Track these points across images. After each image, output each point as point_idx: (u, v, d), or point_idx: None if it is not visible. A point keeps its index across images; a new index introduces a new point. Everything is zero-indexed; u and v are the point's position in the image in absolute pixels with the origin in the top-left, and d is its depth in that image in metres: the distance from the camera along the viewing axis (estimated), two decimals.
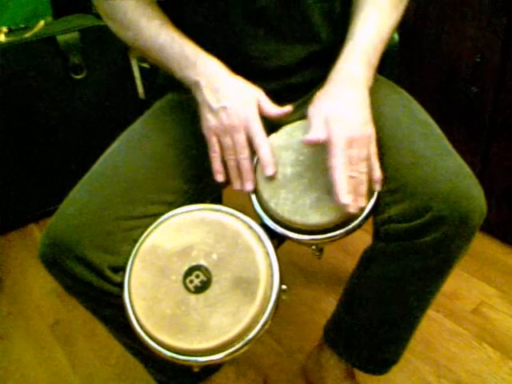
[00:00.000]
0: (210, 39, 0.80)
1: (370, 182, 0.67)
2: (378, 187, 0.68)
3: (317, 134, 0.65)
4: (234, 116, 0.68)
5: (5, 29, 1.50)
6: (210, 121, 0.69)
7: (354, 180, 0.64)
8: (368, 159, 0.66)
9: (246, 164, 0.69)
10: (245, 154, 0.69)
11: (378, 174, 0.67)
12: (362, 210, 0.67)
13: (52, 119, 1.57)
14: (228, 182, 0.73)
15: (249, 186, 0.70)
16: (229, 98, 0.69)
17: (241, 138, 0.68)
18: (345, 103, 0.67)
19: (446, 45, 1.22)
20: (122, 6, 0.74)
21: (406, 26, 1.23)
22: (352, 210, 0.63)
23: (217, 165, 0.71)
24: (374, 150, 0.67)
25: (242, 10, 0.75)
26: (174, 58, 0.72)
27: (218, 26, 0.78)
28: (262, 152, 0.69)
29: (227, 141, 0.69)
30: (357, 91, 0.68)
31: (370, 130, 0.67)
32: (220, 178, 0.71)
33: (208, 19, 0.78)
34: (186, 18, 0.81)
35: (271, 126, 0.84)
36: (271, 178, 0.71)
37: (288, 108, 0.72)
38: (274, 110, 0.71)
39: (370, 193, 0.68)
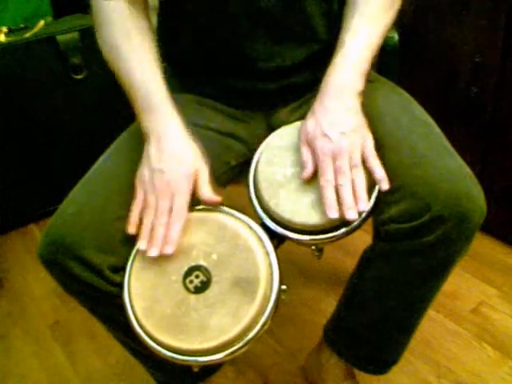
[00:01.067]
0: (210, 39, 0.80)
1: (372, 182, 0.67)
2: (384, 186, 0.66)
3: (307, 170, 0.68)
4: (165, 182, 0.67)
5: (5, 29, 1.50)
6: (144, 176, 0.68)
7: (346, 189, 0.64)
8: (365, 162, 0.66)
9: (159, 230, 0.66)
10: (162, 220, 0.66)
11: (380, 173, 0.66)
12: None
13: (52, 119, 1.57)
14: (223, 184, 0.72)
15: (153, 252, 0.66)
16: (170, 163, 0.68)
17: (164, 205, 0.66)
18: (330, 116, 0.68)
19: (446, 45, 1.22)
20: (109, 20, 0.73)
21: (406, 26, 1.23)
22: (352, 216, 0.64)
23: (134, 217, 0.68)
24: (369, 152, 0.67)
25: (242, 11, 0.75)
26: (137, 99, 0.71)
27: (218, 26, 0.78)
28: (171, 229, 0.66)
29: (151, 200, 0.67)
30: (346, 100, 0.68)
31: (360, 135, 0.67)
32: (132, 230, 0.68)
33: (208, 19, 0.78)
34: (186, 18, 0.81)
35: (271, 126, 0.84)
36: (271, 179, 0.71)
37: (218, 198, 0.69)
38: (206, 193, 0.68)
39: (370, 192, 0.68)
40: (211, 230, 0.68)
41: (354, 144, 0.66)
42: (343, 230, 0.67)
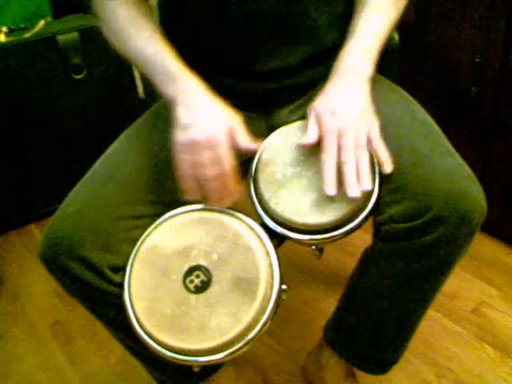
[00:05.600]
0: (210, 40, 0.80)
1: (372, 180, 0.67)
2: (387, 169, 0.66)
3: (308, 137, 0.68)
4: (201, 132, 0.66)
5: (5, 29, 1.50)
6: (177, 136, 0.67)
7: (349, 166, 0.64)
8: (369, 144, 0.66)
9: (211, 184, 0.66)
10: (210, 172, 0.65)
11: (383, 155, 0.66)
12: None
13: (52, 119, 1.57)
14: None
15: (226, 202, 0.66)
16: (200, 114, 0.67)
17: (207, 157, 0.65)
18: (340, 96, 0.69)
19: (447, 45, 1.22)
20: (115, 12, 0.74)
21: (407, 26, 1.23)
22: (354, 194, 0.63)
23: (186, 183, 0.67)
24: (374, 135, 0.67)
25: (243, 11, 0.75)
26: (156, 72, 0.71)
27: (218, 26, 0.78)
28: (226, 176, 0.66)
29: (193, 157, 0.66)
30: (356, 83, 0.70)
31: (366, 118, 0.68)
32: (189, 196, 0.67)
33: (208, 19, 0.78)
34: (186, 18, 0.81)
35: (271, 126, 0.84)
36: (271, 179, 0.71)
37: (257, 144, 0.70)
38: (244, 142, 0.68)
39: (370, 193, 0.68)
40: (211, 229, 0.68)
41: (361, 125, 0.67)
42: (343, 229, 0.67)
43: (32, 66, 1.47)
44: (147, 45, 0.72)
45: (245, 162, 0.84)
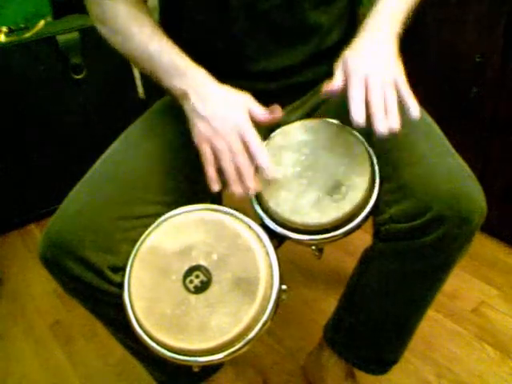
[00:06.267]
0: (210, 40, 0.80)
1: (373, 180, 0.67)
2: (414, 113, 0.64)
3: (334, 82, 0.66)
4: (225, 121, 0.66)
5: (5, 29, 1.50)
6: (200, 128, 0.67)
7: (378, 101, 0.63)
8: (396, 88, 0.65)
9: (244, 168, 0.65)
10: (243, 156, 0.66)
11: (411, 101, 0.65)
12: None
13: (52, 119, 1.57)
14: (224, 184, 0.72)
15: (251, 190, 0.66)
16: (218, 104, 0.68)
17: (236, 143, 0.66)
18: (367, 47, 0.69)
19: (447, 45, 1.22)
20: (113, 10, 0.74)
21: (407, 26, 1.23)
22: (382, 129, 0.62)
23: (211, 172, 0.67)
24: (402, 82, 0.66)
25: (244, 13, 0.75)
26: (162, 67, 0.71)
27: (218, 26, 0.78)
28: (259, 157, 0.66)
29: (221, 144, 0.66)
30: (383, 38, 0.70)
31: (393, 67, 0.67)
32: (216, 187, 0.67)
33: (209, 21, 0.78)
34: (186, 19, 0.81)
35: (270, 126, 0.84)
36: (271, 179, 0.71)
37: (278, 110, 0.70)
38: (264, 115, 0.69)
39: (370, 192, 0.68)
40: (211, 230, 0.68)
41: (388, 67, 0.67)
42: (343, 229, 0.67)
43: (32, 66, 1.47)
44: (150, 41, 0.72)
45: None
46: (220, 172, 0.67)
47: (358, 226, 0.68)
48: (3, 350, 1.23)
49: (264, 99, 0.83)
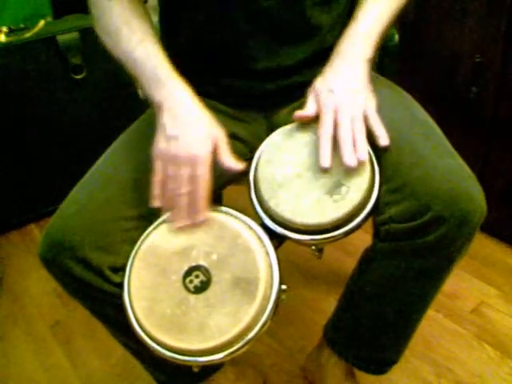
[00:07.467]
0: (210, 40, 0.80)
1: (372, 180, 0.67)
2: (383, 141, 0.67)
3: (306, 110, 0.71)
4: (183, 148, 0.65)
5: (5, 29, 1.50)
6: (159, 145, 0.67)
7: (346, 136, 0.66)
8: (365, 121, 0.68)
9: (182, 200, 0.65)
10: (182, 189, 0.65)
11: (379, 130, 0.68)
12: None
13: (52, 119, 1.57)
14: (224, 184, 0.72)
15: (180, 223, 0.66)
16: (185, 127, 0.66)
17: (184, 173, 0.65)
18: (337, 75, 0.71)
19: (446, 45, 1.22)
20: (109, 11, 0.74)
21: (407, 26, 1.23)
22: (351, 162, 0.65)
23: (155, 190, 0.67)
24: (371, 112, 0.69)
25: (243, 11, 0.75)
26: (144, 75, 0.70)
27: (218, 26, 0.78)
28: (197, 197, 0.65)
29: (170, 170, 0.66)
30: (354, 64, 0.72)
31: (363, 96, 0.69)
32: (156, 203, 0.67)
33: (208, 20, 0.78)
34: (186, 19, 0.81)
35: (271, 126, 0.84)
36: (271, 179, 0.71)
37: (241, 166, 0.67)
38: (228, 160, 0.67)
39: (370, 192, 0.68)
40: (211, 229, 0.68)
41: (357, 101, 0.69)
42: (343, 230, 0.67)
43: (32, 66, 1.47)
44: (138, 47, 0.71)
45: (245, 162, 0.84)
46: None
47: (358, 226, 0.68)
48: (3, 350, 1.23)
49: (264, 99, 0.84)
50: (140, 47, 0.71)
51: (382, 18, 0.75)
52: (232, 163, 0.67)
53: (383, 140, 0.67)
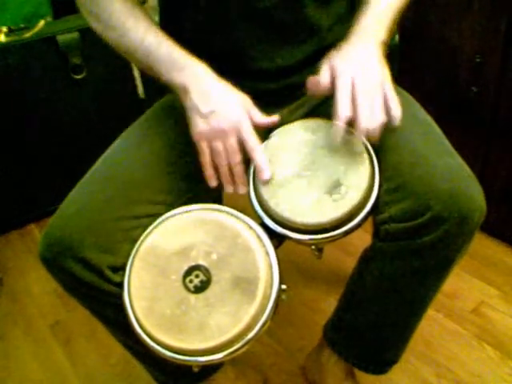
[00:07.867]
0: (210, 40, 0.80)
1: (372, 181, 0.67)
2: (395, 121, 0.65)
3: (320, 78, 0.67)
4: (225, 120, 0.67)
5: (5, 29, 1.50)
6: (199, 125, 0.68)
7: (364, 101, 0.63)
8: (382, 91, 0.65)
9: (238, 169, 0.68)
10: (236, 159, 0.68)
11: (394, 109, 0.65)
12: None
13: (52, 119, 1.57)
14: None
15: (241, 190, 0.69)
16: (218, 101, 0.68)
17: (232, 143, 0.67)
18: (354, 50, 0.69)
19: (447, 45, 1.22)
20: (107, 6, 0.73)
21: (407, 26, 1.23)
22: (366, 126, 0.63)
23: (208, 170, 0.69)
24: (388, 87, 0.66)
25: (243, 11, 0.75)
26: (160, 61, 0.71)
27: (218, 26, 0.78)
28: (256, 157, 0.68)
29: (218, 145, 0.68)
30: (368, 45, 0.69)
31: (379, 70, 0.67)
32: (213, 182, 0.70)
33: (208, 19, 0.78)
34: (185, 18, 0.81)
35: (269, 127, 0.84)
36: (271, 179, 0.71)
37: (275, 117, 0.71)
38: (261, 118, 0.70)
39: (369, 192, 0.68)
40: (211, 229, 0.68)
41: (374, 75, 0.66)
42: (343, 229, 0.67)
43: (32, 65, 1.47)
44: (147, 35, 0.71)
45: (244, 162, 0.84)
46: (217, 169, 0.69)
47: (358, 226, 0.68)
48: (3, 350, 1.23)
49: (264, 99, 0.84)
50: (149, 35, 0.71)
51: (393, 2, 0.74)
52: (267, 119, 0.70)
53: (396, 116, 0.64)
